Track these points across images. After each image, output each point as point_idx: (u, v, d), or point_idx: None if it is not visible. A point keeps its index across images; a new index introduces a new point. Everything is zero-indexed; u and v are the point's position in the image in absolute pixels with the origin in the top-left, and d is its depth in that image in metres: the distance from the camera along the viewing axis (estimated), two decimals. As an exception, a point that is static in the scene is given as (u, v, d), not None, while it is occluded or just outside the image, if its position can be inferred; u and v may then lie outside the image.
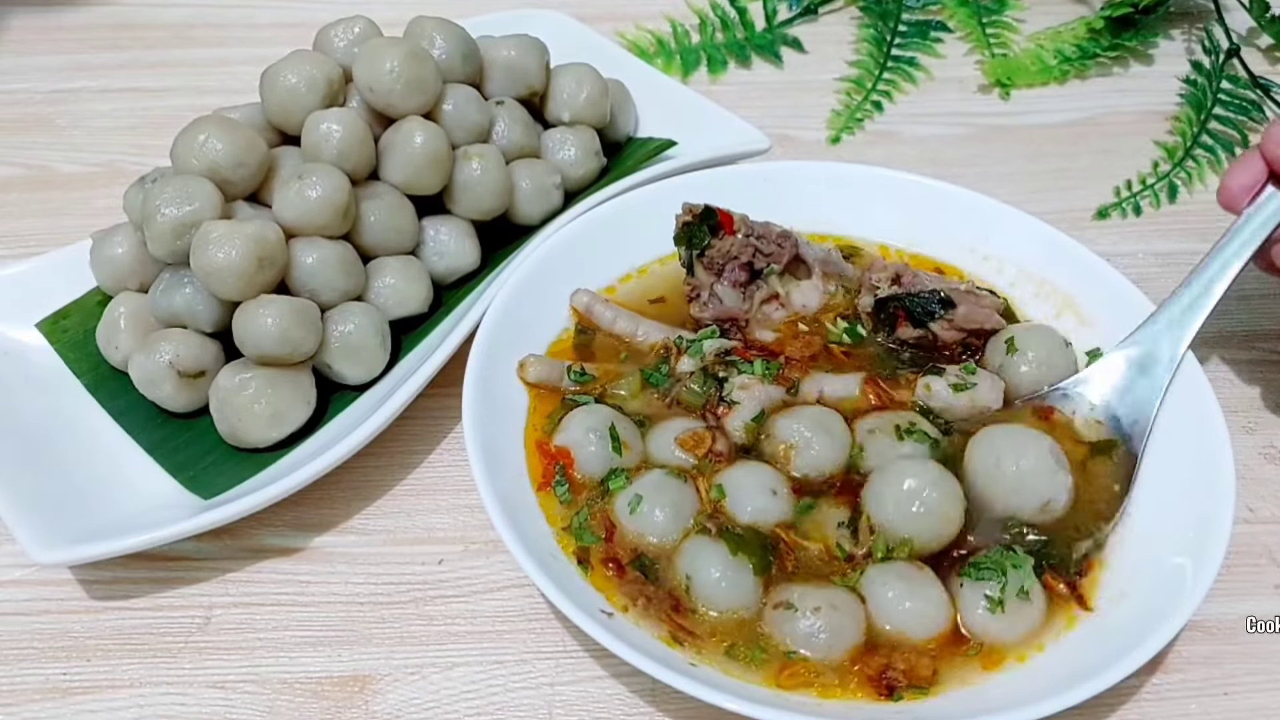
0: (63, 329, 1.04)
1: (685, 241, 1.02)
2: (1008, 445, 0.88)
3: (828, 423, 0.92)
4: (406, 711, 0.83)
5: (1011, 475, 0.86)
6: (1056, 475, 0.87)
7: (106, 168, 1.33)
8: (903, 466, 0.86)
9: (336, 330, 0.96)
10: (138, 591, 0.90)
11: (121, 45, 1.53)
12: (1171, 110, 1.43)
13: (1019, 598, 0.81)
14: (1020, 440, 0.88)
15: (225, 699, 0.84)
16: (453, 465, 1.00)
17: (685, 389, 0.96)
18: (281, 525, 0.95)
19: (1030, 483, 0.86)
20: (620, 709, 0.83)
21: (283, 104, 1.03)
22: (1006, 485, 0.86)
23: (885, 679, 0.78)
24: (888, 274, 1.02)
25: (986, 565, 0.82)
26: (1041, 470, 0.86)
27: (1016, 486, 0.86)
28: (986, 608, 0.81)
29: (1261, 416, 1.05)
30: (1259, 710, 0.84)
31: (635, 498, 0.86)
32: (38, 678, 0.85)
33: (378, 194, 1.02)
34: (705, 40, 1.53)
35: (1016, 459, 0.86)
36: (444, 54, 1.09)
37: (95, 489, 0.91)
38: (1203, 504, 0.84)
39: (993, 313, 0.99)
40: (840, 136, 1.39)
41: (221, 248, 0.90)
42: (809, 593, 0.81)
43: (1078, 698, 0.73)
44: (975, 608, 0.81)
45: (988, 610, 0.81)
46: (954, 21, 1.57)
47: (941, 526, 0.84)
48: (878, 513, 0.85)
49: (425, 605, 0.90)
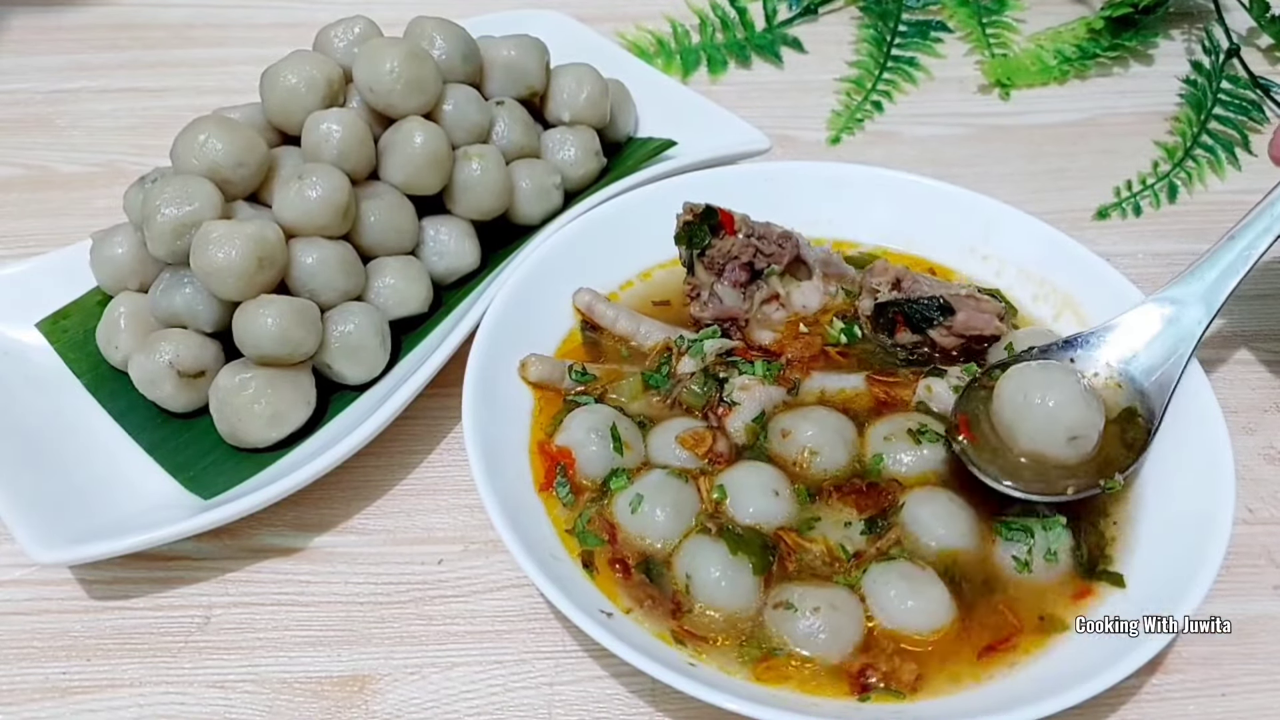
0: (63, 329, 1.04)
1: (686, 241, 1.02)
2: (1038, 380, 0.87)
3: (839, 425, 0.92)
4: (406, 711, 0.83)
5: (1038, 410, 0.85)
6: (1087, 410, 0.86)
7: (106, 168, 1.33)
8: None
9: (336, 330, 0.96)
10: (138, 591, 0.90)
11: (121, 45, 1.53)
12: (1171, 110, 1.43)
13: (1047, 559, 0.84)
14: (1051, 374, 0.87)
15: (225, 699, 0.84)
16: (453, 465, 1.00)
17: (686, 390, 0.96)
18: (281, 525, 0.95)
19: (1059, 416, 0.85)
20: (620, 709, 0.83)
21: (283, 104, 1.03)
22: (1035, 421, 0.85)
23: (862, 679, 0.78)
24: (888, 278, 1.02)
25: (1017, 526, 0.85)
26: (1072, 403, 0.85)
27: (1045, 423, 0.85)
28: (1014, 567, 0.83)
29: (1261, 416, 1.05)
30: (1258, 710, 0.84)
31: (636, 498, 0.86)
32: (38, 677, 0.85)
33: (378, 194, 1.02)
34: (705, 40, 1.53)
35: (1045, 393, 0.85)
36: (444, 54, 1.09)
37: (95, 489, 0.91)
38: (1203, 504, 0.84)
39: (993, 318, 0.98)
40: (840, 137, 1.39)
41: (221, 248, 0.90)
42: (809, 593, 0.81)
43: (1078, 698, 0.73)
44: (1006, 562, 0.85)
45: (1015, 569, 0.84)
46: (954, 21, 1.57)
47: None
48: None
49: (425, 605, 0.90)
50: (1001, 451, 0.87)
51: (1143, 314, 0.94)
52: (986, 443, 0.88)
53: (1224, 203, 1.29)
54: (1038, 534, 0.84)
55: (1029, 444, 0.86)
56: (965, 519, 0.86)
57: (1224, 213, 1.28)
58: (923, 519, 0.86)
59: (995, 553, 0.85)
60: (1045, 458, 0.86)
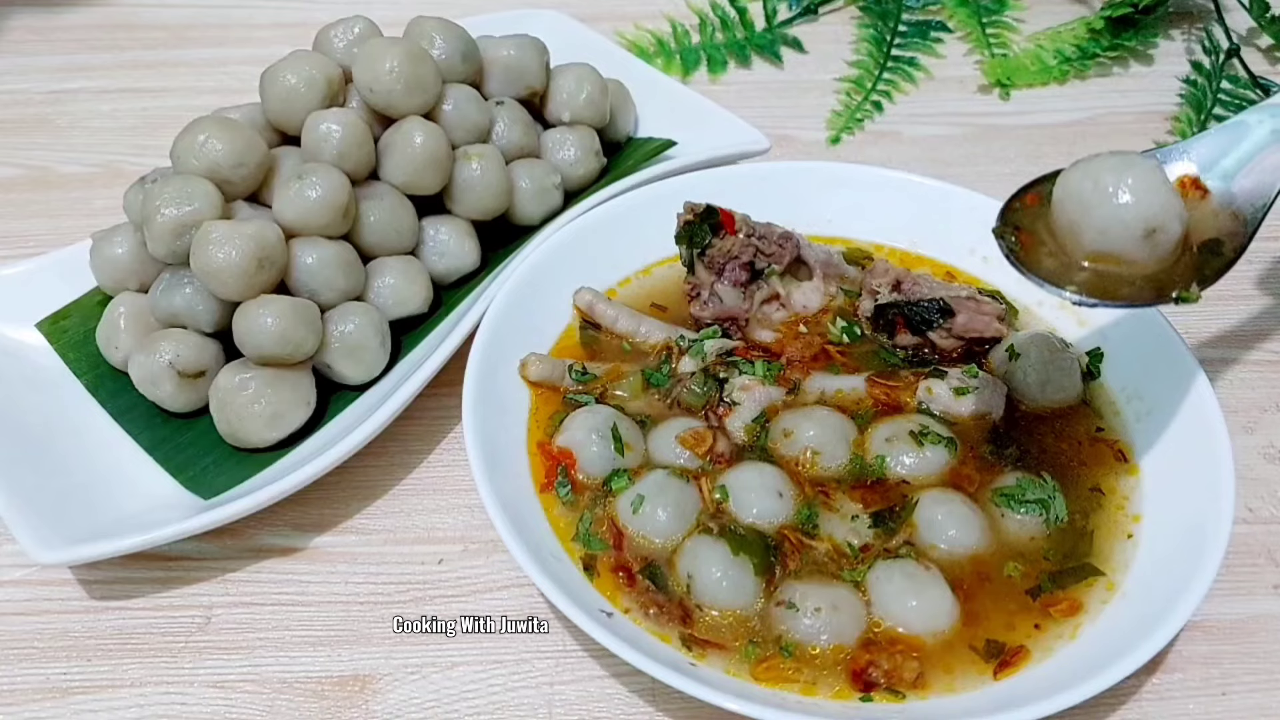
0: (63, 329, 1.04)
1: (686, 240, 1.02)
2: (1109, 165, 0.73)
3: (841, 426, 0.92)
4: (406, 711, 0.83)
5: (1111, 198, 0.71)
6: (1169, 197, 0.72)
7: (106, 168, 1.33)
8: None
9: (336, 330, 0.96)
10: (138, 591, 0.90)
11: (121, 45, 1.53)
12: (1171, 110, 1.43)
13: (1046, 523, 0.87)
14: (1125, 160, 0.73)
15: (225, 699, 0.84)
16: (453, 465, 1.00)
17: (686, 389, 0.96)
18: (281, 525, 0.95)
19: (1136, 204, 0.71)
20: (620, 708, 0.83)
21: (282, 104, 1.03)
22: (1106, 210, 0.71)
23: (864, 677, 0.78)
24: (888, 279, 1.02)
25: (1010, 489, 0.87)
26: (1151, 189, 0.71)
27: (1118, 212, 0.71)
28: (1018, 529, 0.86)
29: (1261, 416, 1.05)
30: (1258, 709, 0.84)
31: (638, 498, 0.86)
32: (38, 678, 0.85)
33: (378, 194, 1.02)
34: (705, 40, 1.54)
35: (1119, 177, 0.71)
36: (444, 54, 1.09)
37: (95, 489, 0.91)
38: (1203, 504, 0.84)
39: (993, 320, 0.98)
40: (840, 136, 1.39)
41: (221, 248, 0.90)
42: (811, 591, 0.81)
43: (1078, 698, 0.73)
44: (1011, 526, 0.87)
45: (1019, 531, 0.86)
46: (954, 21, 1.57)
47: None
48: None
49: (425, 605, 0.90)
50: (1059, 255, 0.75)
51: (1237, 125, 0.80)
52: (1041, 246, 0.76)
53: (1224, 202, 1.29)
54: (1031, 491, 0.87)
55: (1096, 241, 0.73)
56: (977, 521, 0.86)
57: (1224, 212, 1.28)
58: (937, 519, 0.86)
59: (1000, 525, 0.87)
60: (1117, 257, 0.73)
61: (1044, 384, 0.96)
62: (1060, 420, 0.96)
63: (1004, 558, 0.86)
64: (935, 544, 0.85)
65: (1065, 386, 0.96)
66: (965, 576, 0.84)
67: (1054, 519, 0.87)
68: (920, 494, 0.88)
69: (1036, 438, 0.94)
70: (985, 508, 0.88)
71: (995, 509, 0.88)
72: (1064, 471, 0.91)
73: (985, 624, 0.82)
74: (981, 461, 0.92)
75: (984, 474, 0.91)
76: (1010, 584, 0.84)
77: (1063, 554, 0.86)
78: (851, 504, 0.88)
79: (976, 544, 0.86)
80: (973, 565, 0.85)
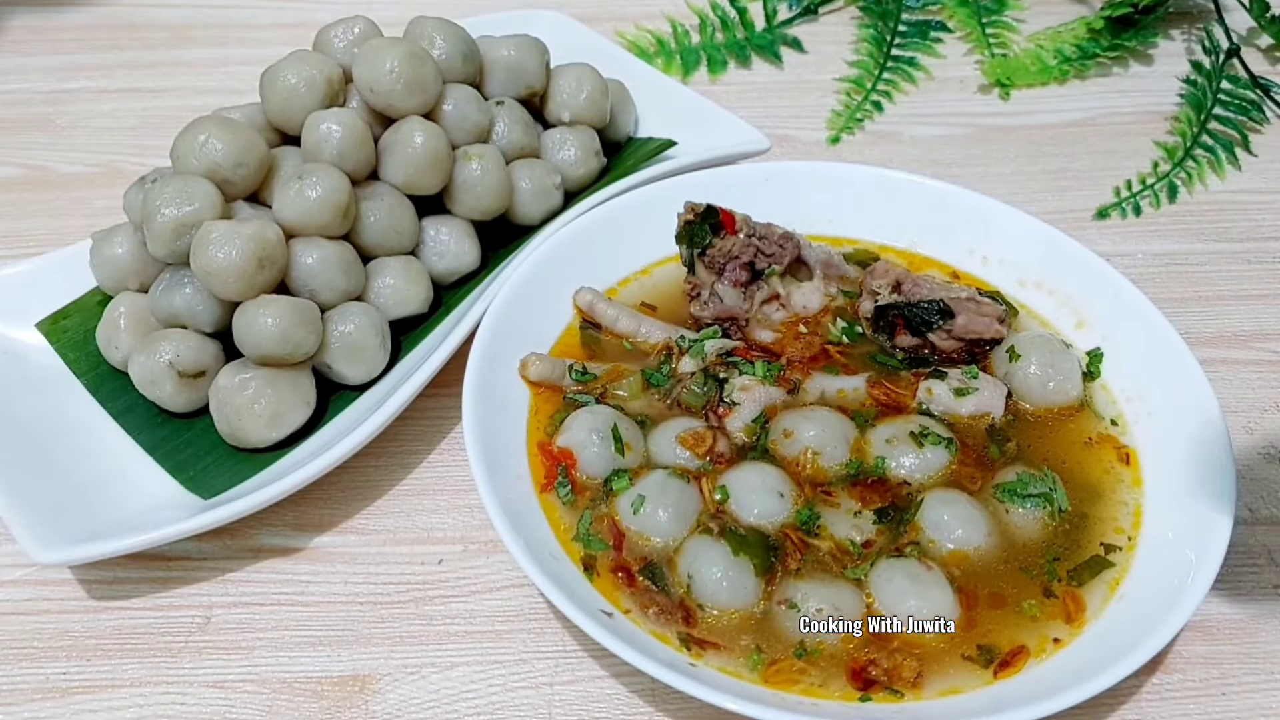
0: (63, 329, 1.04)
1: (687, 240, 1.02)
2: None
3: (842, 426, 0.92)
4: (406, 711, 0.83)
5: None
6: None
7: (106, 168, 1.33)
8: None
9: (336, 330, 0.96)
10: (138, 591, 0.90)
11: (121, 45, 1.53)
12: (1171, 110, 1.43)
13: (1050, 516, 0.88)
14: None
15: (225, 699, 0.84)
16: (453, 465, 1.00)
17: (686, 390, 0.96)
18: (281, 525, 0.95)
19: None
20: (619, 709, 0.83)
21: (283, 104, 1.03)
22: None
23: (864, 675, 0.78)
24: (888, 280, 1.02)
25: (1013, 484, 0.87)
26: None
27: None
28: (1024, 520, 0.87)
29: (1261, 416, 1.05)
30: (1258, 710, 0.84)
31: (638, 498, 0.86)
32: (38, 678, 0.85)
33: (378, 194, 1.02)
34: (705, 40, 1.54)
35: None
36: (444, 54, 1.09)
37: (95, 489, 0.91)
38: (1203, 504, 0.84)
39: (993, 322, 0.98)
40: (840, 137, 1.39)
41: (221, 248, 0.90)
42: (812, 590, 0.81)
43: (1078, 698, 0.73)
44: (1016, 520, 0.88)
45: (1025, 521, 0.87)
46: (954, 21, 1.57)
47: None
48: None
49: (425, 605, 0.90)
50: None
51: None
52: None
53: (1224, 203, 1.29)
54: (1033, 485, 0.87)
55: None
56: (983, 520, 0.86)
57: (1224, 213, 1.28)
58: (943, 519, 0.86)
59: (1005, 521, 0.87)
60: None
61: (1044, 385, 0.96)
62: (1060, 421, 0.96)
63: (1009, 555, 0.86)
64: (942, 543, 0.85)
65: (1065, 388, 0.96)
66: (970, 576, 0.84)
67: (1057, 510, 0.88)
68: (925, 494, 0.88)
69: (1037, 439, 0.94)
70: (988, 505, 0.88)
71: (999, 505, 0.88)
72: (1064, 472, 0.91)
73: (986, 624, 0.82)
74: (982, 462, 0.92)
75: (985, 474, 0.91)
76: (1015, 583, 0.84)
77: (1069, 547, 0.86)
78: (853, 501, 0.88)
79: (983, 543, 0.86)
80: (978, 564, 0.85)
